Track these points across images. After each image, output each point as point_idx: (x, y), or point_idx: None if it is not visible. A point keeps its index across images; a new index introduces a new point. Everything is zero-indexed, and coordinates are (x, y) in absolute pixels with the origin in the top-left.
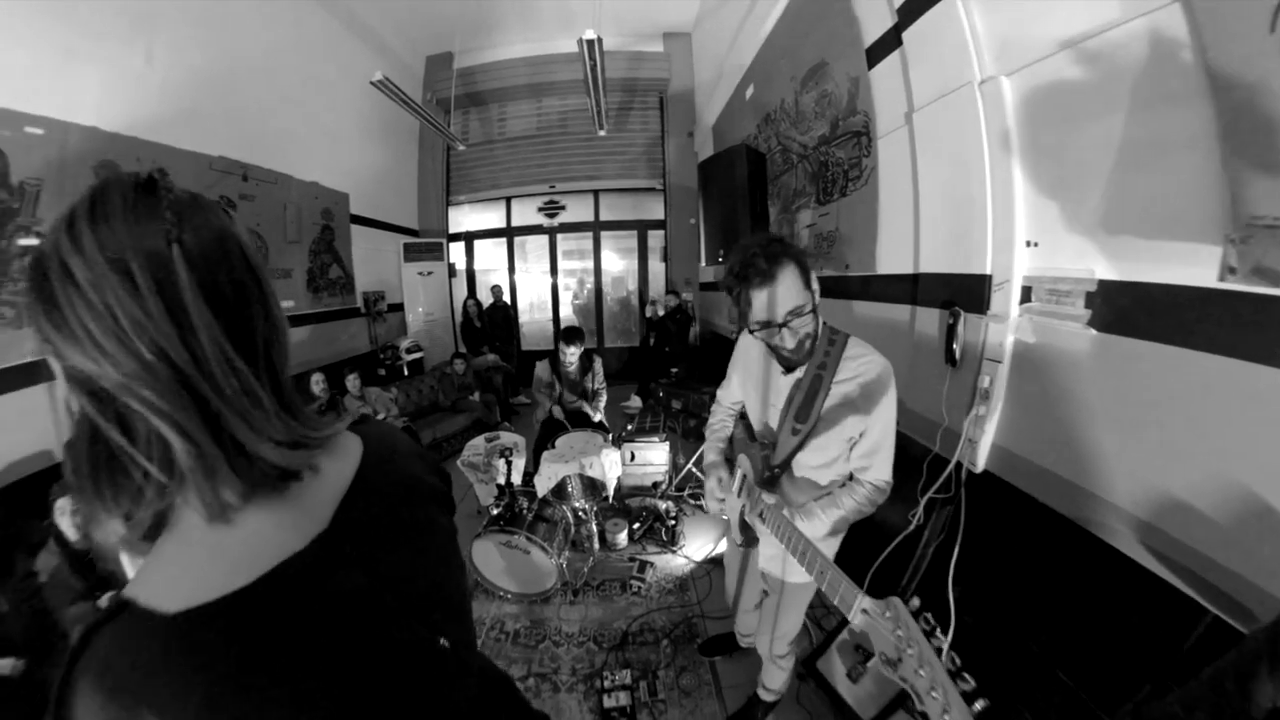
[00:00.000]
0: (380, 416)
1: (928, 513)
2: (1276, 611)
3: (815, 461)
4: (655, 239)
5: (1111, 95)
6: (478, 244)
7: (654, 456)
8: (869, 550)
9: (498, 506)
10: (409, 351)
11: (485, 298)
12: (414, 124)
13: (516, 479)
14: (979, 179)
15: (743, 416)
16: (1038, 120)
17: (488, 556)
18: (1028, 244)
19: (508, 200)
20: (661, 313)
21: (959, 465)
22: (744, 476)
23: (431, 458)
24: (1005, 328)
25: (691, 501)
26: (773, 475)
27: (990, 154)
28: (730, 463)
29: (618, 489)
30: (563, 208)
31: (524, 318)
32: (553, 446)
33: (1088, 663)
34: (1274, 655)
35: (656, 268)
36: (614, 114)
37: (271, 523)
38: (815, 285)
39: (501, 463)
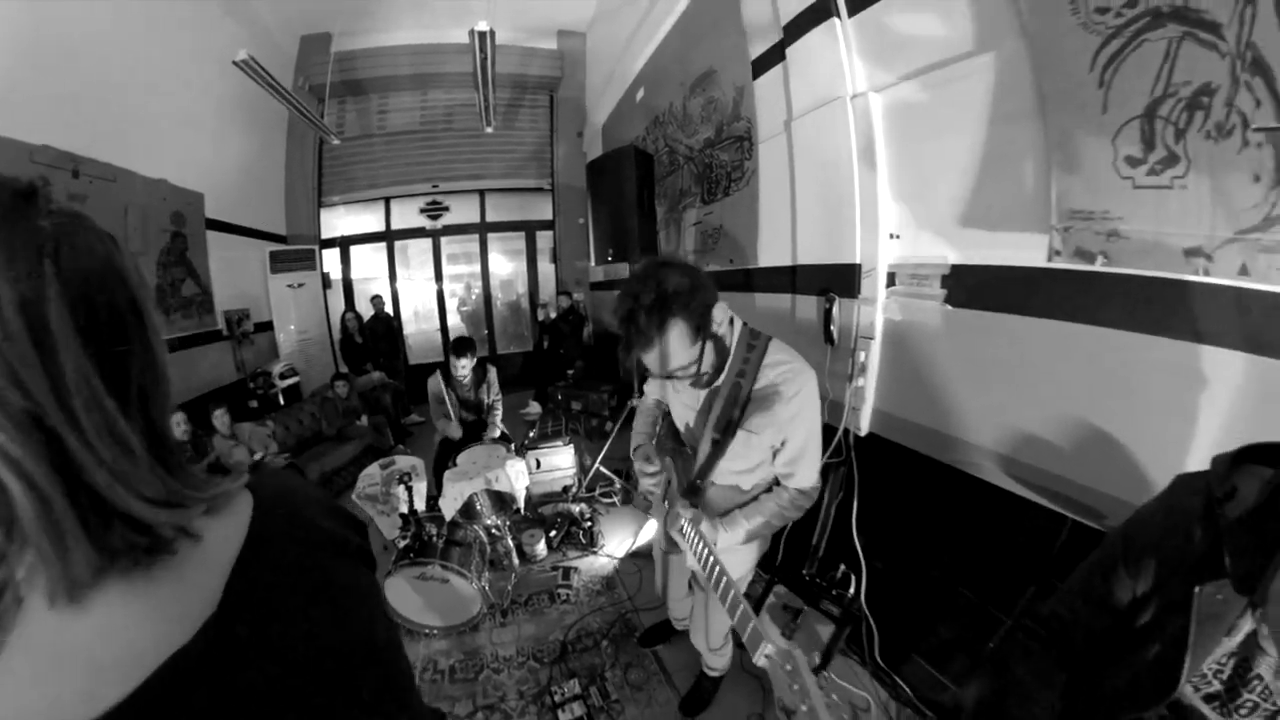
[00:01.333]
0: (257, 456)
1: (824, 477)
2: (1116, 509)
3: (738, 468)
4: (544, 240)
5: (962, 113)
6: (354, 250)
7: (560, 461)
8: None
9: (404, 538)
10: (283, 377)
11: (365, 310)
12: (283, 113)
13: (420, 505)
14: (848, 181)
15: (668, 414)
16: (900, 131)
17: (403, 594)
18: (891, 236)
19: (387, 201)
20: (554, 315)
21: (846, 431)
22: (669, 483)
23: (343, 510)
24: (875, 309)
25: (604, 500)
26: (695, 485)
27: (858, 159)
28: (659, 453)
29: (528, 499)
30: (447, 209)
31: (409, 329)
32: (454, 464)
33: (982, 577)
34: (1127, 553)
35: (546, 269)
36: (503, 111)
37: (143, 609)
38: (719, 319)
39: (401, 490)
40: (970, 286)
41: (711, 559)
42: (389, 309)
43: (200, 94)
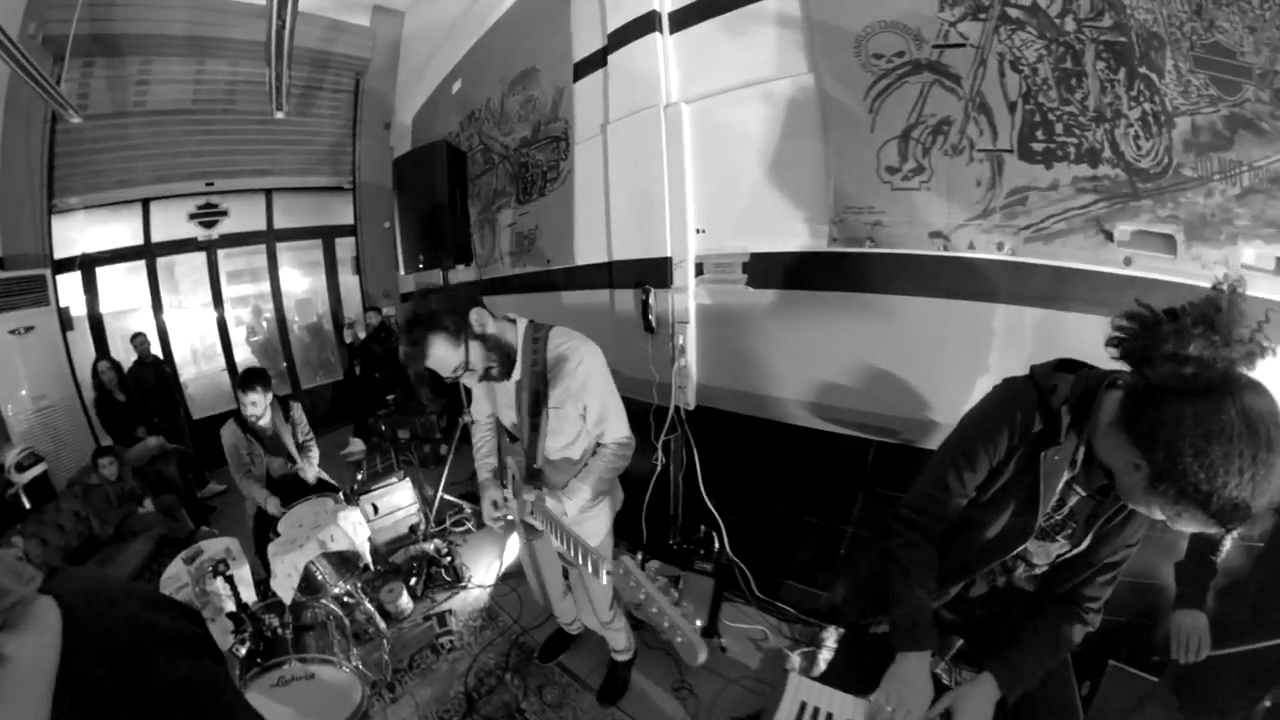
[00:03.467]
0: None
1: (666, 452)
2: (905, 426)
3: (560, 444)
4: (345, 248)
5: (761, 126)
6: (102, 273)
7: (399, 499)
8: (638, 499)
9: (242, 642)
10: (21, 468)
11: (125, 355)
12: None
13: (249, 596)
14: (659, 182)
15: (500, 424)
16: (707, 139)
17: (266, 710)
18: (698, 231)
19: (145, 204)
20: (363, 335)
21: (677, 409)
22: (514, 477)
23: (167, 599)
24: (687, 296)
25: (458, 530)
26: (535, 470)
27: (669, 163)
28: (504, 470)
29: (375, 551)
30: (225, 213)
31: (187, 374)
32: (276, 535)
33: (818, 502)
34: (982, 438)
35: (350, 282)
36: (299, 93)
37: None
38: (478, 320)
39: (220, 584)
40: (767, 270)
41: (556, 526)
42: (156, 350)
43: None
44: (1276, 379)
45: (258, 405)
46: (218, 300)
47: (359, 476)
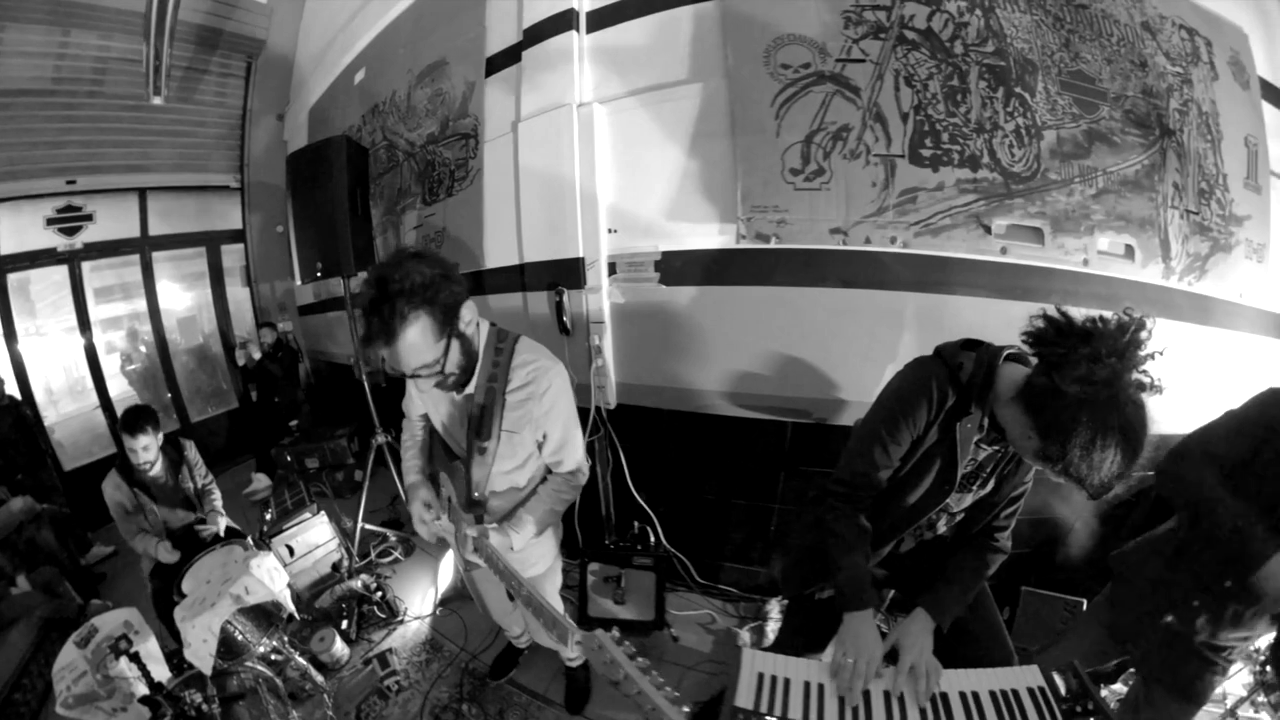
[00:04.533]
0: None
1: (591, 453)
2: (816, 406)
3: (509, 467)
4: (233, 256)
5: (672, 128)
6: None
7: (316, 536)
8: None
9: None
10: None
11: None
12: None
13: (161, 672)
14: (571, 182)
15: (434, 431)
16: (619, 139)
17: None
18: (610, 231)
19: None
20: (258, 355)
21: (598, 409)
22: (450, 500)
23: None
24: (601, 296)
25: (386, 560)
26: (474, 499)
27: (580, 163)
28: (435, 479)
29: (297, 598)
30: (89, 218)
31: (51, 417)
32: (182, 597)
33: (744, 484)
34: (903, 413)
35: (239, 295)
36: (180, 75)
37: None
38: (467, 318)
39: (125, 664)
40: (679, 268)
41: (506, 571)
42: (12, 390)
43: None
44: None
45: (148, 450)
46: (84, 323)
47: (268, 516)
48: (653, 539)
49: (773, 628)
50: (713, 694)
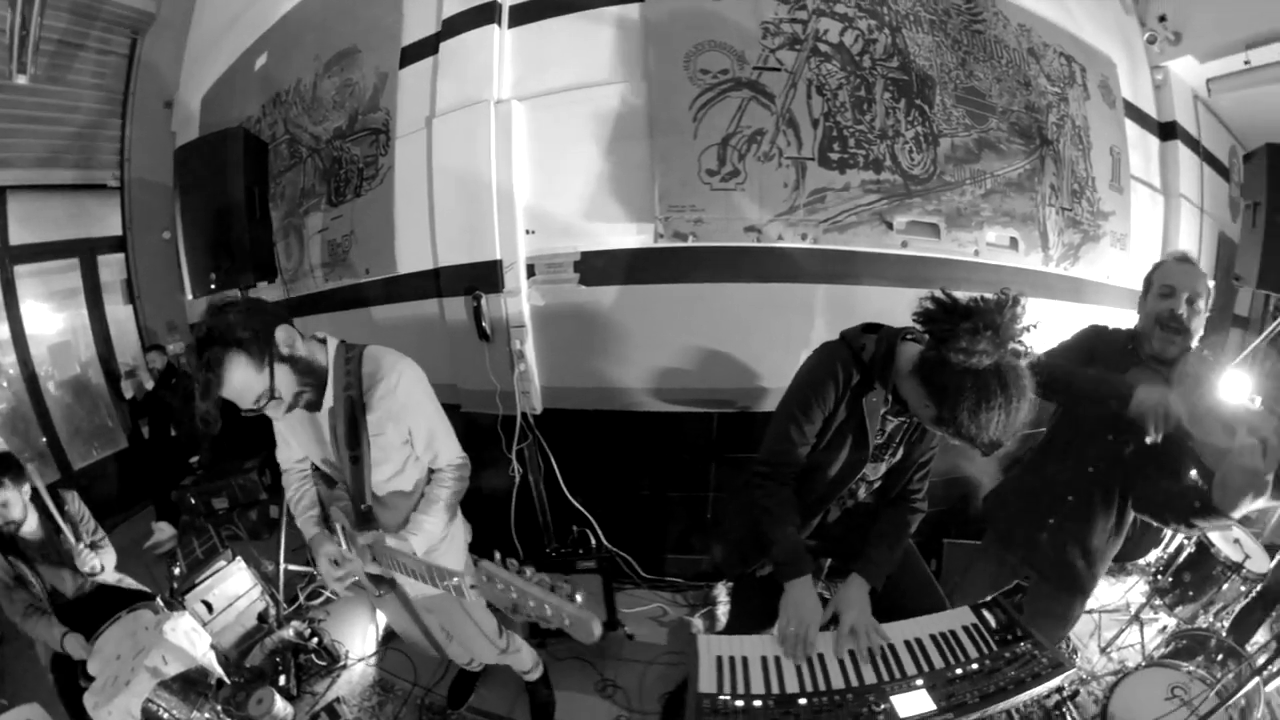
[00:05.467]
0: None
1: (522, 461)
2: (739, 396)
3: (388, 474)
4: (112, 269)
5: (592, 128)
6: None
7: (235, 586)
8: (503, 515)
9: None
10: None
11: None
12: None
13: None
14: (487, 181)
15: (315, 468)
16: (538, 138)
17: None
18: (528, 232)
19: None
20: (149, 384)
21: (525, 415)
22: (343, 529)
23: None
24: (521, 299)
25: (316, 603)
26: (364, 512)
27: (498, 161)
28: (329, 525)
29: (224, 659)
30: None
31: None
32: (90, 680)
33: (677, 477)
34: (815, 395)
35: (121, 314)
36: (51, 50)
37: None
38: (285, 340)
39: None
40: (599, 268)
41: (404, 559)
42: None
43: None
44: None
45: (9, 507)
46: None
47: (176, 570)
48: (594, 541)
49: (724, 611)
50: (677, 684)
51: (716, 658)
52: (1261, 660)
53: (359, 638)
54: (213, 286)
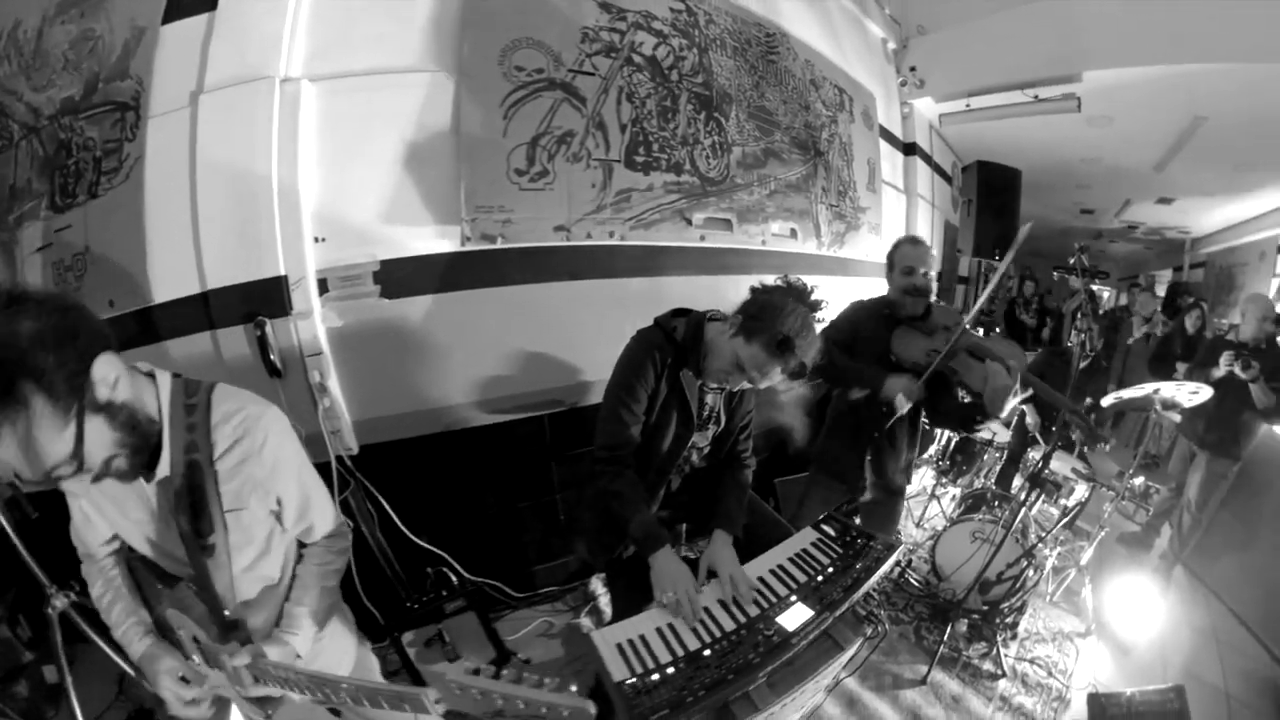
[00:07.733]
0: None
1: (348, 512)
2: (567, 393)
3: (250, 557)
4: None
5: (392, 119)
6: None
7: None
8: (346, 581)
9: None
10: None
11: None
12: None
13: None
14: (266, 177)
15: (133, 552)
16: (329, 127)
17: None
18: (316, 240)
19: None
20: None
21: (340, 459)
22: (197, 642)
23: None
24: (314, 321)
25: None
26: (228, 621)
27: (280, 152)
28: (164, 627)
29: None
30: None
31: None
32: None
33: (521, 486)
34: (638, 379)
35: None
36: None
37: None
38: (104, 377)
39: None
40: (401, 278)
41: (312, 683)
42: None
43: None
44: None
45: None
46: None
47: None
48: (454, 578)
49: (606, 602)
50: (590, 688)
51: (616, 645)
52: (1022, 497)
53: None
54: None
